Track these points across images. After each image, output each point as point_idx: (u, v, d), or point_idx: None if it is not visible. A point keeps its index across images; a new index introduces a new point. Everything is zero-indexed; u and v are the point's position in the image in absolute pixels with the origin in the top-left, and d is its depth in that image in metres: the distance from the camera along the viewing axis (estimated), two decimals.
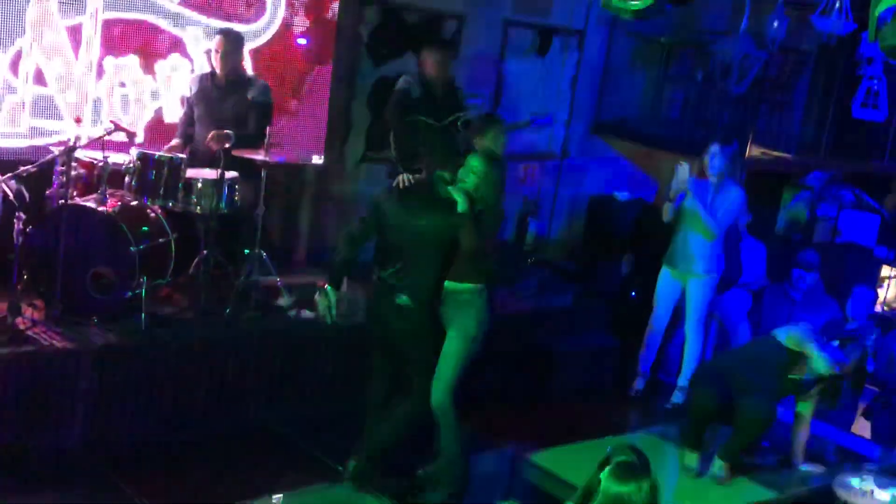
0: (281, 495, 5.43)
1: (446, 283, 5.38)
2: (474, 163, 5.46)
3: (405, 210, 5.36)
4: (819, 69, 10.60)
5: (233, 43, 6.72)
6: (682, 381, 7.53)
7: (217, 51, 6.68)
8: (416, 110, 7.32)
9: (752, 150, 8.97)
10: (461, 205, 5.22)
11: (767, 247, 8.28)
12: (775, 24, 8.68)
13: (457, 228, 5.21)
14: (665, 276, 7.44)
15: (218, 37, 6.71)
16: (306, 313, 6.53)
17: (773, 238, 9.10)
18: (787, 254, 8.18)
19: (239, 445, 5.94)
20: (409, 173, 5.81)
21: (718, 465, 6.04)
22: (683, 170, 7.05)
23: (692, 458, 6.13)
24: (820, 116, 10.63)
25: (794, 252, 8.01)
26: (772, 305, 7.62)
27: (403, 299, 5.23)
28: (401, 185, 5.81)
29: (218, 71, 6.71)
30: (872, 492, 5.45)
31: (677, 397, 7.52)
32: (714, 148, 7.13)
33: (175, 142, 6.70)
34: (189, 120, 6.79)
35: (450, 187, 5.31)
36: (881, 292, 9.74)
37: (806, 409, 6.24)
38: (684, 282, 7.35)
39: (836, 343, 6.23)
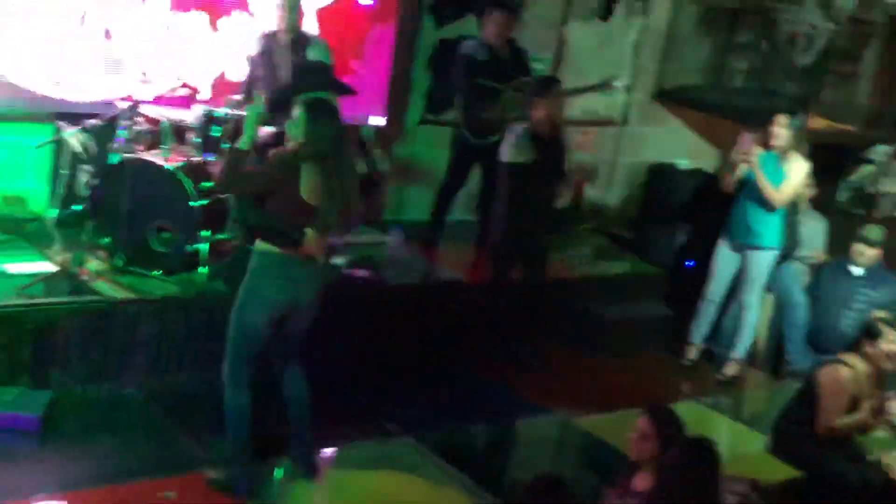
0: (334, 449, 5.52)
1: None
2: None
3: None
4: (887, 41, 10.37)
5: (295, 1, 6.74)
6: (736, 353, 7.50)
7: (279, 9, 6.70)
8: (481, 74, 7.30)
9: (816, 122, 8.83)
10: None
11: (828, 221, 8.17)
12: None
13: None
14: (723, 247, 7.38)
15: None
16: (360, 272, 6.59)
17: (835, 212, 8.97)
18: (849, 228, 8.06)
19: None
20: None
21: None
22: (746, 140, 6.97)
23: None
24: (886, 89, 10.42)
25: (856, 227, 7.90)
26: (832, 281, 7.53)
27: None
28: None
29: (279, 30, 6.75)
30: None
31: (730, 369, 7.49)
32: (779, 119, 7.03)
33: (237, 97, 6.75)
34: (252, 78, 6.84)
35: None
36: None
37: None
38: (743, 253, 7.29)
39: None
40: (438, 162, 7.85)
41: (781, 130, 7.02)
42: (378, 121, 7.80)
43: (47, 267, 5.96)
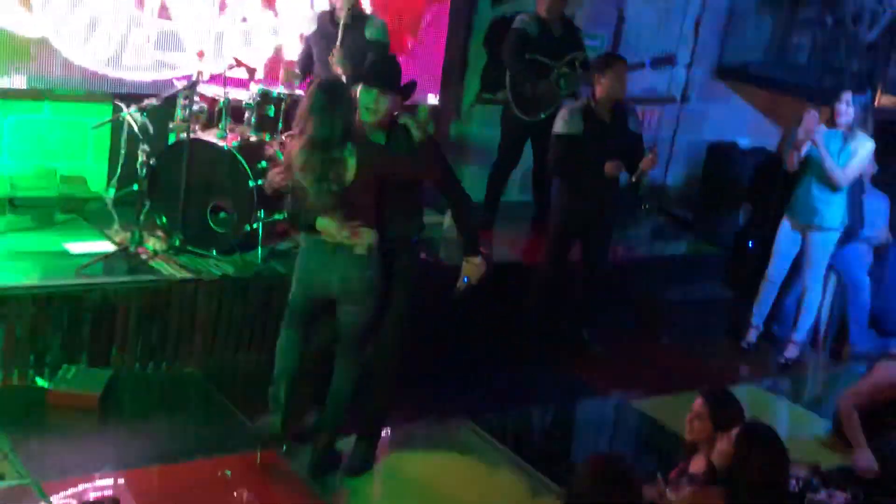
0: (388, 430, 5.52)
1: None
2: None
3: None
4: None
5: None
6: (798, 335, 7.38)
7: None
8: (532, 50, 7.22)
9: (883, 100, 8.63)
10: None
11: (893, 200, 7.99)
12: None
13: None
14: (785, 227, 7.25)
15: None
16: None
17: None
18: None
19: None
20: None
21: None
22: (811, 118, 6.82)
23: None
24: None
25: None
26: None
27: None
28: None
29: (337, 8, 6.72)
30: None
31: (791, 352, 7.38)
32: (845, 96, 6.87)
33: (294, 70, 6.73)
34: (308, 57, 6.82)
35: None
36: None
37: None
38: (805, 234, 7.16)
39: None
40: (494, 141, 7.78)
41: (846, 108, 6.86)
42: (433, 100, 7.75)
43: (106, 246, 6.02)
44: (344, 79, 6.31)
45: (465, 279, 5.07)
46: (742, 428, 4.05)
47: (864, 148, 6.95)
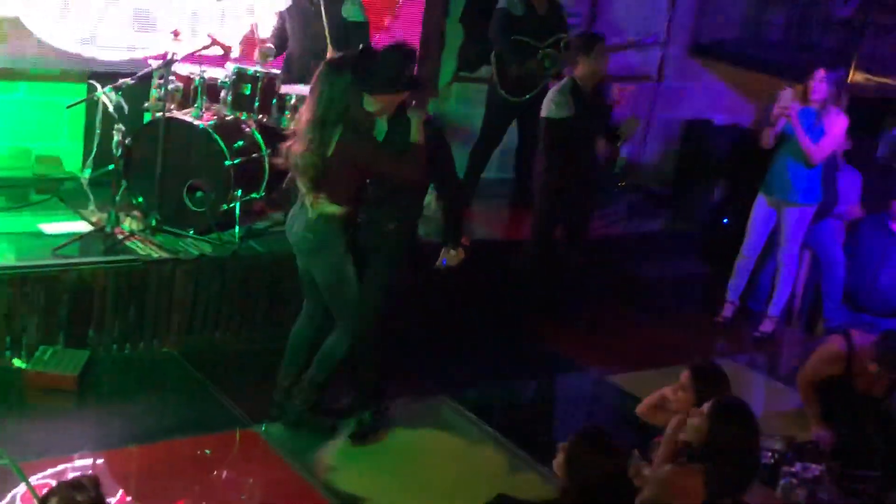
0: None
1: None
2: None
3: None
4: None
5: None
6: (773, 310, 7.44)
7: None
8: (517, 30, 7.22)
9: (856, 76, 8.68)
10: None
11: (866, 176, 8.05)
12: None
13: None
14: (760, 203, 7.30)
15: None
16: None
17: (873, 167, 8.84)
18: (888, 184, 7.94)
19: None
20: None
21: None
22: (786, 95, 6.86)
23: None
24: None
25: (895, 182, 7.78)
26: (869, 237, 7.44)
27: None
28: None
29: None
30: None
31: (766, 326, 7.44)
32: (819, 73, 6.91)
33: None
34: (282, 34, 6.79)
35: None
36: None
37: None
38: (780, 210, 7.21)
39: None
40: (473, 119, 7.78)
41: (820, 85, 6.90)
42: None
43: (82, 227, 5.99)
44: (328, 55, 6.31)
45: (444, 262, 5.24)
46: (713, 402, 4.09)
47: (837, 125, 6.99)
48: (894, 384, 5.51)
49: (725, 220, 8.44)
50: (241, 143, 6.19)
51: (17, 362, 5.38)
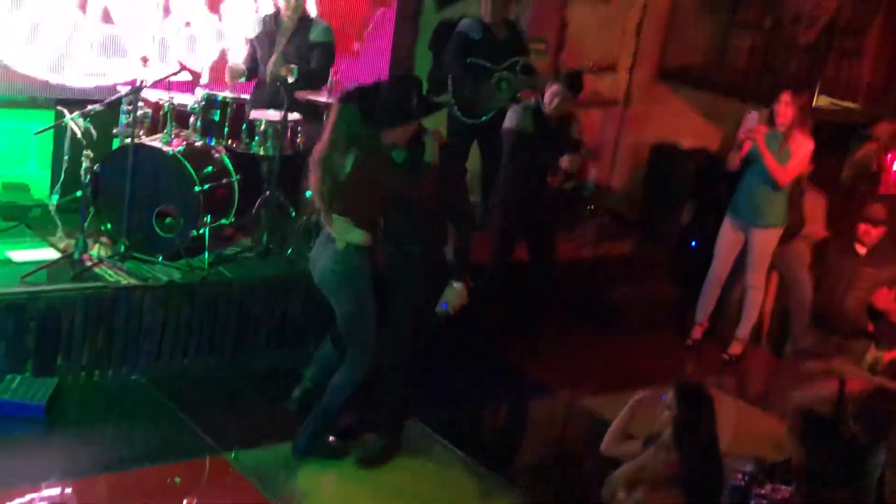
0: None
1: None
2: None
3: None
4: (890, 16, 10.30)
5: None
6: (741, 332, 7.49)
7: None
8: (475, 54, 7.27)
9: (820, 100, 8.79)
10: None
11: (831, 198, 8.15)
12: None
13: None
14: (727, 225, 7.36)
15: None
16: None
17: (838, 189, 8.95)
18: (853, 206, 8.03)
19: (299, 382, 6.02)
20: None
21: None
22: (752, 118, 6.96)
23: None
24: (890, 65, 10.35)
25: (860, 204, 7.86)
26: (836, 259, 7.51)
27: None
28: None
29: (282, 11, 6.71)
30: None
31: (734, 349, 7.49)
32: (784, 97, 7.00)
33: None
34: (252, 60, 6.81)
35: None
36: None
37: None
38: (747, 232, 7.27)
39: None
40: None
41: (786, 108, 6.99)
42: None
43: (50, 254, 5.96)
44: (290, 80, 6.34)
45: (445, 305, 5.18)
46: (675, 389, 4.37)
47: (804, 147, 7.07)
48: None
49: (693, 243, 8.51)
50: (210, 168, 6.19)
51: None
